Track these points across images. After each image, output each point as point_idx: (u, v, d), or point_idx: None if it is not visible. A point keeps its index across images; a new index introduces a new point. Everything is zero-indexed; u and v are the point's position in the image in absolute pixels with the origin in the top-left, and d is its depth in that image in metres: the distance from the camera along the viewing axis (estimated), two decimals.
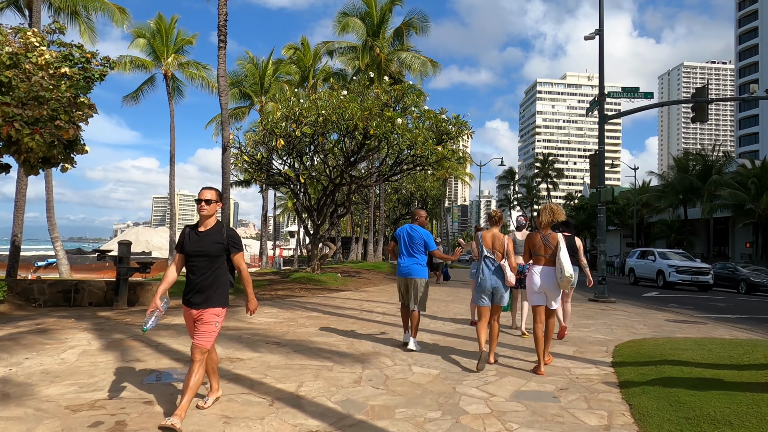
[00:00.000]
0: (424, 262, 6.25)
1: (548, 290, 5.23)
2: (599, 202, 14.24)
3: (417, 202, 33.70)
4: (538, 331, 5.25)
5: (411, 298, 6.21)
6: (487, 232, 5.61)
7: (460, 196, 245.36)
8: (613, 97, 14.48)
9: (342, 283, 15.25)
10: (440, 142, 14.64)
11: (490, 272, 5.38)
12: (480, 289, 5.40)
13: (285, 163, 15.43)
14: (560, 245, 5.17)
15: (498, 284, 5.35)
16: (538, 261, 5.29)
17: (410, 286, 6.19)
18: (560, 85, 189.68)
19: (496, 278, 5.36)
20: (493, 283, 5.35)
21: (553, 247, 5.20)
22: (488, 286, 5.35)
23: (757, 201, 37.53)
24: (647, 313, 11.23)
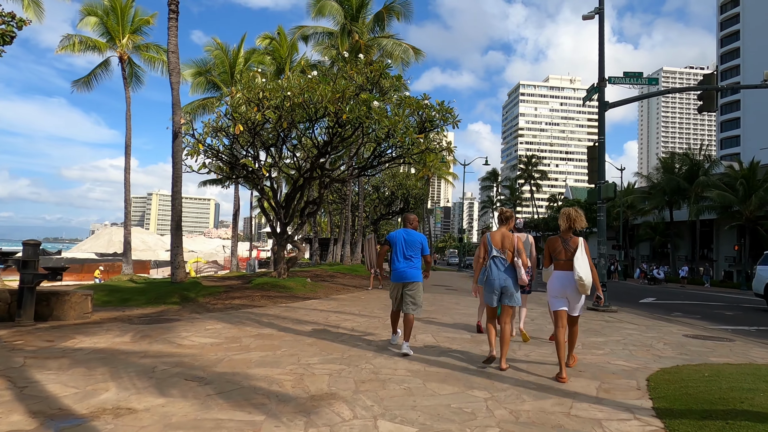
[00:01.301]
0: (419, 265, 6.26)
1: (569, 295, 5.10)
2: (599, 200, 12.78)
3: (399, 202, 32.10)
4: (560, 336, 5.07)
5: (407, 302, 6.16)
6: (496, 232, 5.55)
7: (443, 197, 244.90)
8: (614, 83, 13.05)
9: (311, 289, 13.52)
10: (422, 131, 13.03)
11: (499, 271, 5.35)
12: (489, 288, 5.38)
13: (248, 154, 13.65)
14: (580, 248, 5.04)
15: (507, 283, 5.33)
16: (559, 265, 5.17)
17: (406, 289, 6.16)
18: (543, 87, 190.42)
19: (505, 276, 5.34)
20: (501, 282, 5.33)
21: (573, 251, 5.07)
22: (497, 285, 5.33)
23: (745, 203, 36.81)
24: (658, 326, 9.76)
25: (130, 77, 21.59)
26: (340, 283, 15.98)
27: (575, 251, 5.07)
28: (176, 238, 12.20)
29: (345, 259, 25.28)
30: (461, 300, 13.24)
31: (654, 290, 27.28)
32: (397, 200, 31.89)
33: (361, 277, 19.47)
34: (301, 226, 14.76)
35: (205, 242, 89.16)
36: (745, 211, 37.20)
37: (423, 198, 36.07)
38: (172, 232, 12.31)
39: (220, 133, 12.55)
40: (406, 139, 12.31)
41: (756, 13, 70.03)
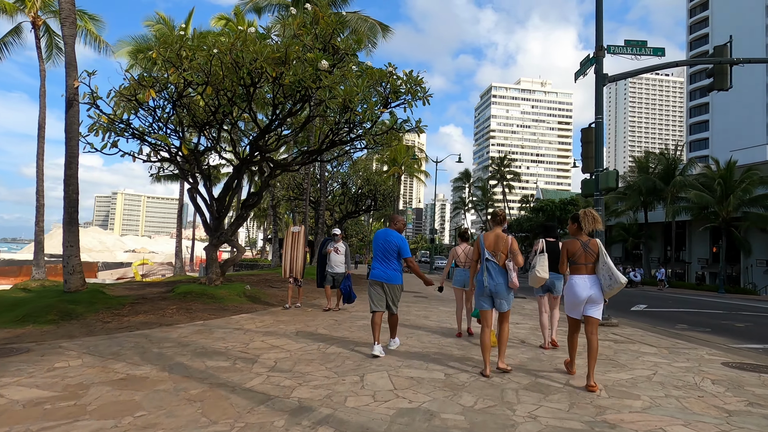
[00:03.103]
0: (398, 267, 6.13)
1: (594, 299, 4.86)
2: (596, 191, 10.68)
3: (366, 199, 29.70)
4: (573, 340, 5.19)
5: (388, 303, 6.09)
6: (489, 233, 5.37)
7: (415, 198, 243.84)
8: (614, 53, 11.00)
9: (249, 299, 11.00)
10: (386, 105, 10.69)
11: (490, 275, 5.21)
12: (480, 292, 5.27)
13: (173, 133, 11.03)
14: (602, 251, 4.90)
15: (498, 289, 5.17)
16: (579, 270, 4.89)
17: (386, 291, 6.07)
18: (514, 90, 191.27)
19: (497, 281, 5.18)
20: (493, 286, 5.18)
21: (594, 254, 4.90)
22: (488, 290, 5.20)
23: (722, 203, 35.86)
24: (680, 348, 7.66)
25: (49, 48, 18.47)
26: (278, 294, 13.47)
27: (597, 255, 4.89)
28: (70, 234, 9.49)
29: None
30: (432, 310, 10.95)
31: (636, 294, 25.68)
32: (364, 197, 29.47)
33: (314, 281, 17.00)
34: (239, 220, 12.19)
35: (168, 243, 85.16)
36: (722, 212, 36.26)
37: (392, 196, 33.75)
38: (64, 227, 9.59)
39: (129, 102, 9.88)
40: (366, 113, 9.94)
41: (725, 14, 70.55)
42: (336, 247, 9.92)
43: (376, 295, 6.09)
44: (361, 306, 11.23)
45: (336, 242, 9.99)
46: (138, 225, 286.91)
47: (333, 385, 4.67)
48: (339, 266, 9.88)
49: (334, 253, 9.89)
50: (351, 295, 9.74)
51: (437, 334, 7.86)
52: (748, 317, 14.58)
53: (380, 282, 6.04)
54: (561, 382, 5.16)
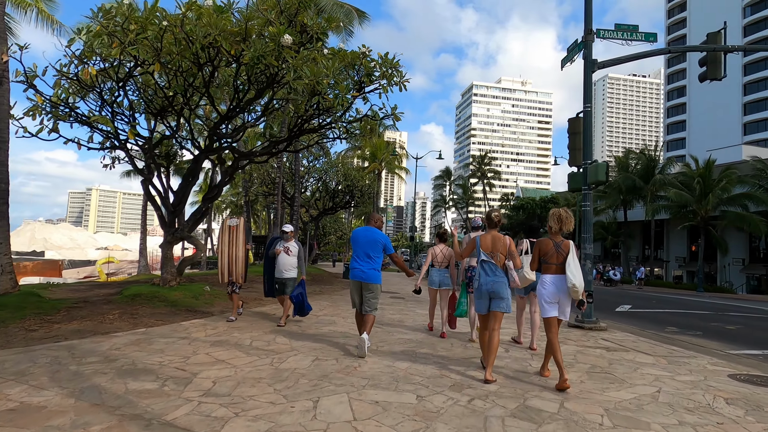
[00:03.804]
0: (379, 266, 6.14)
1: (562, 300, 4.94)
2: (584, 185, 9.96)
3: (344, 194, 28.73)
4: (555, 341, 4.94)
5: (365, 302, 6.04)
6: (486, 235, 5.29)
7: (396, 195, 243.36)
8: (604, 37, 10.28)
9: (206, 301, 10.01)
10: (360, 90, 9.79)
11: (487, 276, 5.11)
12: (478, 294, 5.19)
13: (114, 113, 9.92)
14: (572, 252, 4.94)
15: (496, 288, 5.07)
16: (549, 269, 4.98)
17: (365, 290, 6.03)
18: (495, 88, 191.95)
19: (494, 282, 5.08)
20: (489, 287, 5.09)
21: (565, 254, 4.94)
22: (485, 290, 5.10)
23: (701, 202, 35.87)
24: (679, 357, 6.96)
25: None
26: (254, 291, 12.48)
27: (567, 255, 4.95)
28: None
29: None
30: (408, 313, 10.10)
31: (617, 293, 25.31)
32: (341, 193, 28.49)
33: None
34: (199, 216, 11.15)
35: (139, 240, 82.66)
36: (700, 210, 36.28)
37: (371, 192, 32.84)
38: None
39: (72, 82, 8.78)
40: (337, 98, 9.02)
41: (702, 15, 71.35)
42: (286, 246, 7.97)
43: (353, 293, 6.22)
44: (329, 310, 10.33)
45: (286, 241, 8.03)
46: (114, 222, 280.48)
47: (277, 415, 3.77)
48: (289, 270, 7.92)
49: (284, 255, 7.93)
50: (305, 306, 7.83)
51: (412, 343, 7.00)
52: (736, 318, 14.11)
53: (359, 281, 6.06)
54: (554, 403, 4.34)
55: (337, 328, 7.84)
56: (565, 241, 5.04)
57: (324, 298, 12.59)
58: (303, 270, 8.10)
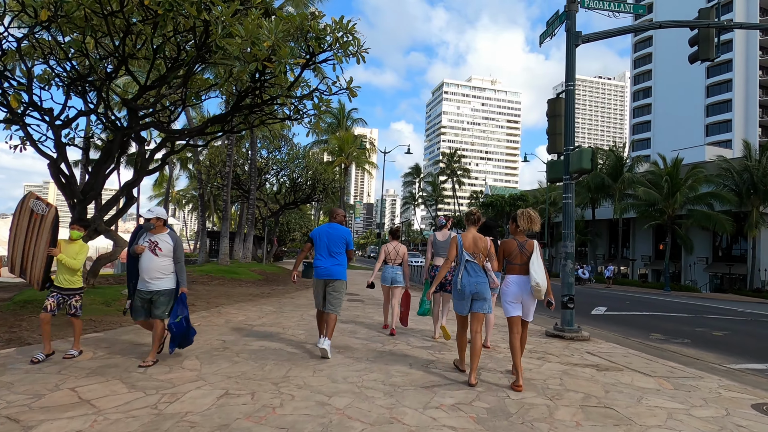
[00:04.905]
0: (344, 262, 5.95)
1: (525, 300, 4.93)
2: (566, 175, 8.75)
3: (306, 188, 27.05)
4: (516, 342, 4.91)
5: (330, 301, 5.80)
6: (467, 234, 5.15)
7: (365, 192, 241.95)
8: (589, 7, 9.06)
9: (120, 308, 8.34)
10: (310, 59, 8.30)
11: (470, 277, 4.95)
12: (460, 295, 4.96)
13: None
14: (536, 252, 4.89)
15: (480, 289, 4.94)
16: (513, 270, 4.98)
17: (330, 287, 5.81)
18: (465, 87, 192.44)
19: (477, 283, 4.93)
20: (472, 288, 4.92)
21: (528, 254, 4.91)
22: (468, 292, 4.92)
23: (669, 200, 35.77)
24: (677, 377, 5.78)
25: None
26: (191, 294, 10.85)
27: (531, 255, 4.90)
28: None
29: (221, 258, 19.62)
30: (364, 320, 8.69)
31: (587, 293, 24.60)
32: (303, 186, 26.82)
33: (229, 285, 14.35)
34: (112, 205, 9.42)
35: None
36: (668, 209, 36.19)
37: (334, 186, 31.26)
38: None
39: None
40: (280, 66, 7.51)
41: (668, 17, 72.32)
42: (154, 242, 5.09)
43: (317, 292, 5.92)
44: (270, 318, 8.80)
45: (154, 234, 5.15)
46: None
47: None
48: (158, 279, 5.06)
49: (150, 255, 5.05)
50: (189, 333, 5.15)
51: (364, 361, 5.59)
52: (717, 322, 13.28)
53: (324, 279, 5.83)
54: None
55: (271, 343, 6.36)
56: (530, 240, 5.01)
57: (270, 302, 11.05)
58: (183, 277, 5.24)
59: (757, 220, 34.39)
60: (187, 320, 5.09)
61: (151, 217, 5.18)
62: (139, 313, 5.16)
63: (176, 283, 5.17)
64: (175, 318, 5.00)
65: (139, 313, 5.15)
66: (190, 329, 5.14)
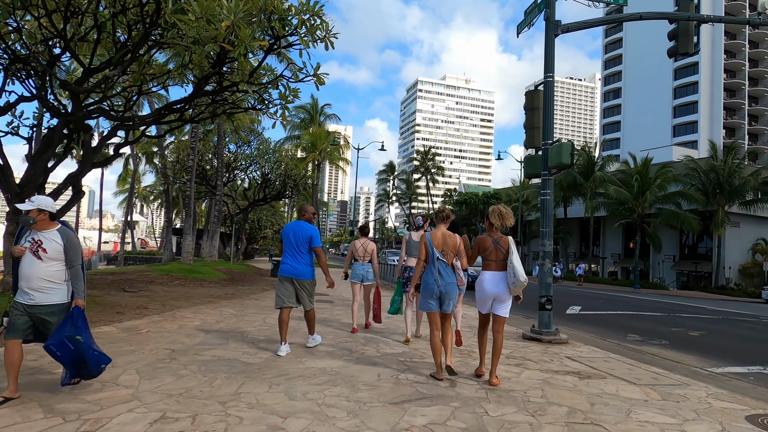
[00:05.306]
0: (310, 261, 5.92)
1: (500, 296, 4.94)
2: (544, 170, 8.37)
3: (276, 184, 26.22)
4: (482, 336, 5.22)
5: (303, 298, 5.89)
6: (436, 232, 5.13)
7: (339, 189, 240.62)
8: None
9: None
10: (275, 43, 7.69)
11: (440, 276, 4.94)
12: (429, 293, 4.97)
13: None
14: (512, 249, 4.96)
15: (449, 290, 4.94)
16: (489, 266, 4.99)
17: (298, 287, 5.83)
18: (440, 85, 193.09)
19: (448, 283, 4.93)
20: (444, 289, 4.92)
21: (504, 251, 4.97)
22: (437, 291, 4.93)
23: (639, 199, 36.27)
24: (663, 385, 5.45)
25: None
26: (145, 297, 10.09)
27: (507, 251, 4.95)
28: None
29: (183, 257, 18.67)
30: (333, 315, 8.14)
31: (560, 291, 24.55)
32: (273, 183, 25.99)
33: (189, 286, 13.59)
34: (72, 199, 8.62)
35: None
36: (638, 208, 36.70)
37: (305, 182, 30.49)
38: None
39: None
40: (240, 47, 6.88)
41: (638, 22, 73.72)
42: (38, 241, 3.85)
43: (285, 291, 5.82)
44: (230, 321, 8.16)
45: (38, 230, 3.88)
46: None
47: None
48: (46, 289, 3.83)
49: (31, 257, 3.83)
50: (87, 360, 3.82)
51: (328, 372, 5.04)
52: (690, 321, 13.23)
53: (290, 278, 5.80)
54: None
55: (226, 352, 5.75)
56: (504, 237, 5.04)
57: (232, 304, 10.36)
58: (80, 286, 3.95)
59: (722, 219, 35.18)
60: (84, 344, 3.77)
61: (30, 209, 3.82)
62: (17, 332, 3.79)
63: (71, 295, 3.92)
64: (62, 336, 3.70)
65: (17, 331, 3.79)
66: (88, 354, 3.80)
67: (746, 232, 40.08)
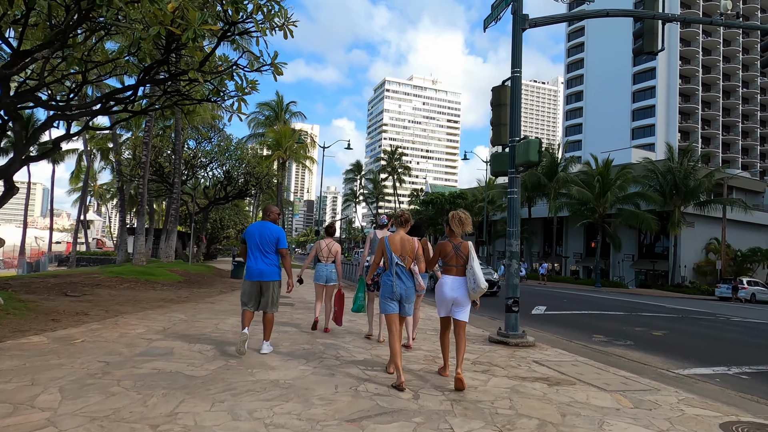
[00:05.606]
0: (277, 262, 5.86)
1: (459, 301, 4.98)
2: (511, 168, 8.14)
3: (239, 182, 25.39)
4: (445, 338, 5.20)
5: (266, 302, 5.79)
6: (394, 236, 5.11)
7: (306, 189, 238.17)
8: None
9: None
10: (228, 29, 7.17)
11: (400, 280, 4.96)
12: (389, 296, 4.97)
13: None
14: (472, 255, 5.02)
15: (409, 294, 5.00)
16: (449, 271, 5.05)
17: (264, 289, 5.77)
18: (407, 85, 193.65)
19: (407, 285, 4.99)
20: (402, 291, 4.96)
21: (464, 257, 5.01)
22: (397, 294, 4.95)
23: (600, 200, 37.03)
24: (633, 391, 5.26)
25: None
26: (86, 302, 9.34)
27: (467, 257, 5.01)
28: None
29: (136, 258, 17.68)
30: (292, 319, 7.67)
31: (524, 291, 24.67)
32: (235, 181, 25.14)
33: (150, 285, 12.83)
34: (4, 195, 7.84)
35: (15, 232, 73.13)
36: (599, 208, 37.46)
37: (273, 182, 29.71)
38: None
39: None
40: (189, 31, 6.35)
41: (599, 27, 75.74)
42: None
43: (249, 294, 5.80)
44: (182, 327, 7.59)
45: None
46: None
47: None
48: None
49: None
50: None
51: (280, 385, 4.60)
52: (652, 320, 13.36)
53: (257, 282, 5.76)
54: None
55: (168, 364, 5.21)
56: (464, 242, 5.10)
57: (185, 308, 9.73)
58: None
59: (678, 219, 36.28)
60: None
61: None
62: None
63: None
64: None
65: None
66: None
67: (700, 231, 41.52)
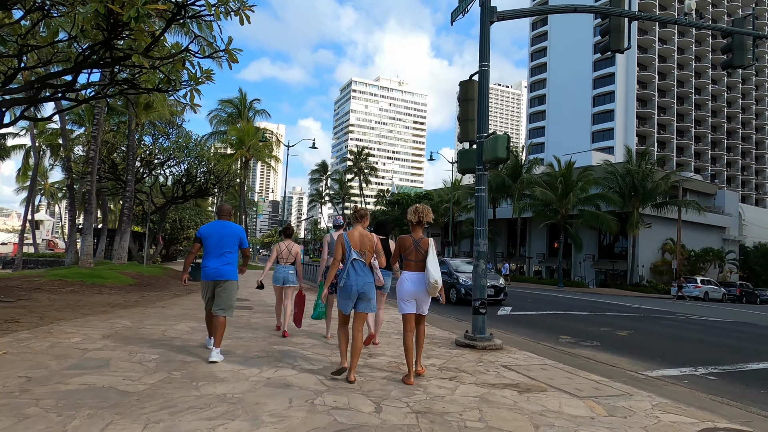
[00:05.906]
0: (235, 261, 5.71)
1: (419, 297, 5.05)
2: (478, 165, 7.87)
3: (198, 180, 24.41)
4: (409, 341, 5.01)
5: (218, 303, 5.55)
6: (353, 232, 5.02)
7: (270, 189, 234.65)
8: None
9: None
10: (178, 12, 6.60)
11: (357, 275, 4.86)
12: (346, 294, 4.86)
13: None
14: (430, 250, 5.00)
15: (366, 290, 4.89)
16: (409, 266, 5.06)
17: (219, 289, 5.57)
18: (374, 86, 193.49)
19: (364, 283, 4.88)
20: (359, 287, 4.85)
21: (423, 252, 5.01)
22: (354, 291, 4.85)
23: (562, 201, 37.65)
24: (604, 395, 5.06)
25: None
26: (20, 308, 8.54)
27: (426, 252, 4.99)
28: None
29: (83, 260, 16.60)
30: (249, 323, 7.16)
31: None
32: (194, 179, 24.16)
33: (96, 289, 11.97)
34: None
35: None
36: (561, 209, 38.08)
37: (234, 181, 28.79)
38: None
39: None
40: (131, 10, 5.77)
41: (561, 32, 77.46)
42: None
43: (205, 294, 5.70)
44: (130, 332, 6.96)
45: None
46: None
47: None
48: None
49: None
50: None
51: (228, 400, 4.12)
52: (616, 320, 13.43)
53: (213, 282, 5.58)
54: None
55: (101, 378, 4.64)
56: (425, 238, 5.10)
57: (131, 314, 9.03)
58: None
59: (637, 220, 37.28)
60: None
61: None
62: None
63: None
64: None
65: None
66: None
67: (657, 232, 42.85)
